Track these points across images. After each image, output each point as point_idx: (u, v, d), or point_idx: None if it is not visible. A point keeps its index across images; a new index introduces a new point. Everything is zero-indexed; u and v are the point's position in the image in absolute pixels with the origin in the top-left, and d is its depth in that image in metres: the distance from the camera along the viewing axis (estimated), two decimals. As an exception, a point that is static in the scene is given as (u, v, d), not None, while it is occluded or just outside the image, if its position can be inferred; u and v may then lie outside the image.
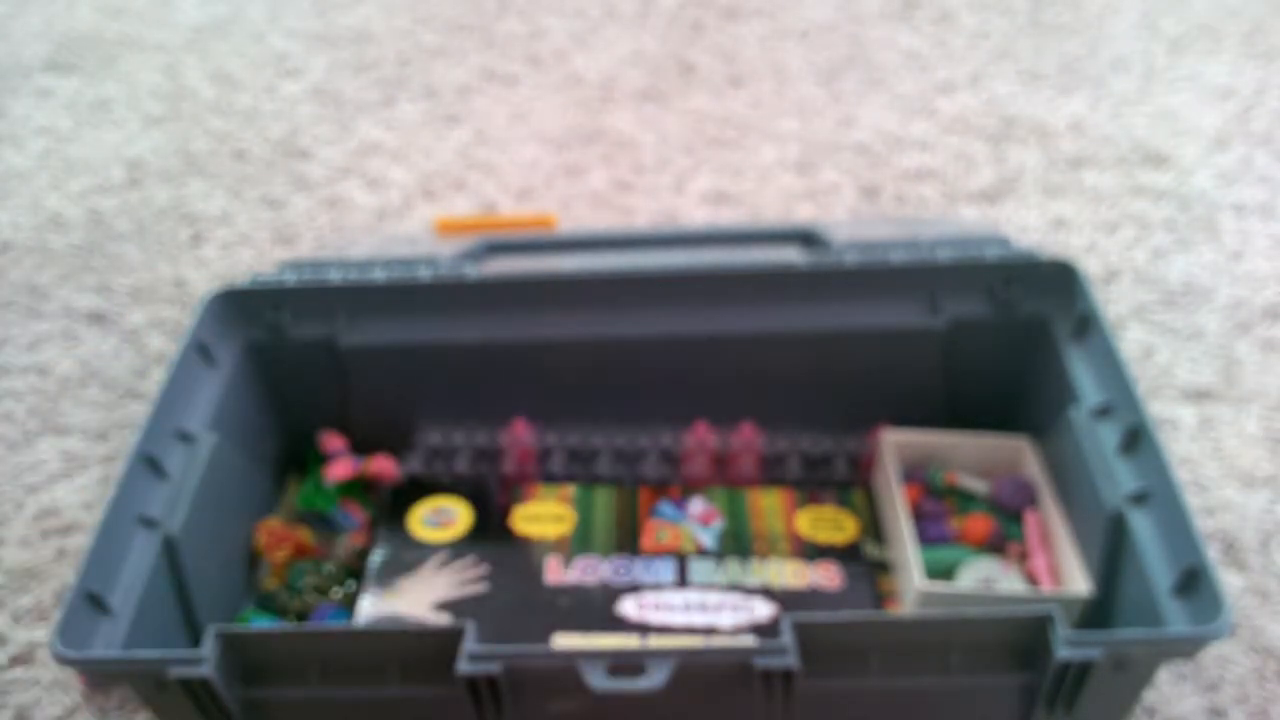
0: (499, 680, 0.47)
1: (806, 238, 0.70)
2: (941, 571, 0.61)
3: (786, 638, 0.47)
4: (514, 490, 0.70)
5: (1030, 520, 0.64)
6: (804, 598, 0.62)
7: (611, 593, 0.62)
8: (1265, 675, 0.62)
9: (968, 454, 0.68)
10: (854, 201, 1.03)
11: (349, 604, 0.64)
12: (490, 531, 0.67)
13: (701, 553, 0.65)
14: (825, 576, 0.64)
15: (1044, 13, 1.34)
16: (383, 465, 0.70)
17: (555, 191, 1.07)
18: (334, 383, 0.70)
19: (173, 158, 1.15)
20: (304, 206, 1.06)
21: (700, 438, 0.70)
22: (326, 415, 0.72)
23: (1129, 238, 0.96)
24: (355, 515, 0.69)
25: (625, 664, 0.47)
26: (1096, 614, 0.57)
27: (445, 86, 1.26)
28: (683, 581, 0.63)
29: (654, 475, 0.70)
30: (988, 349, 0.68)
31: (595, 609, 0.62)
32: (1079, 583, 0.58)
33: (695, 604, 0.62)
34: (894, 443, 0.68)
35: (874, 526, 0.67)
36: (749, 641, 0.55)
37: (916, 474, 0.68)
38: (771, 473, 0.70)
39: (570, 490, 0.70)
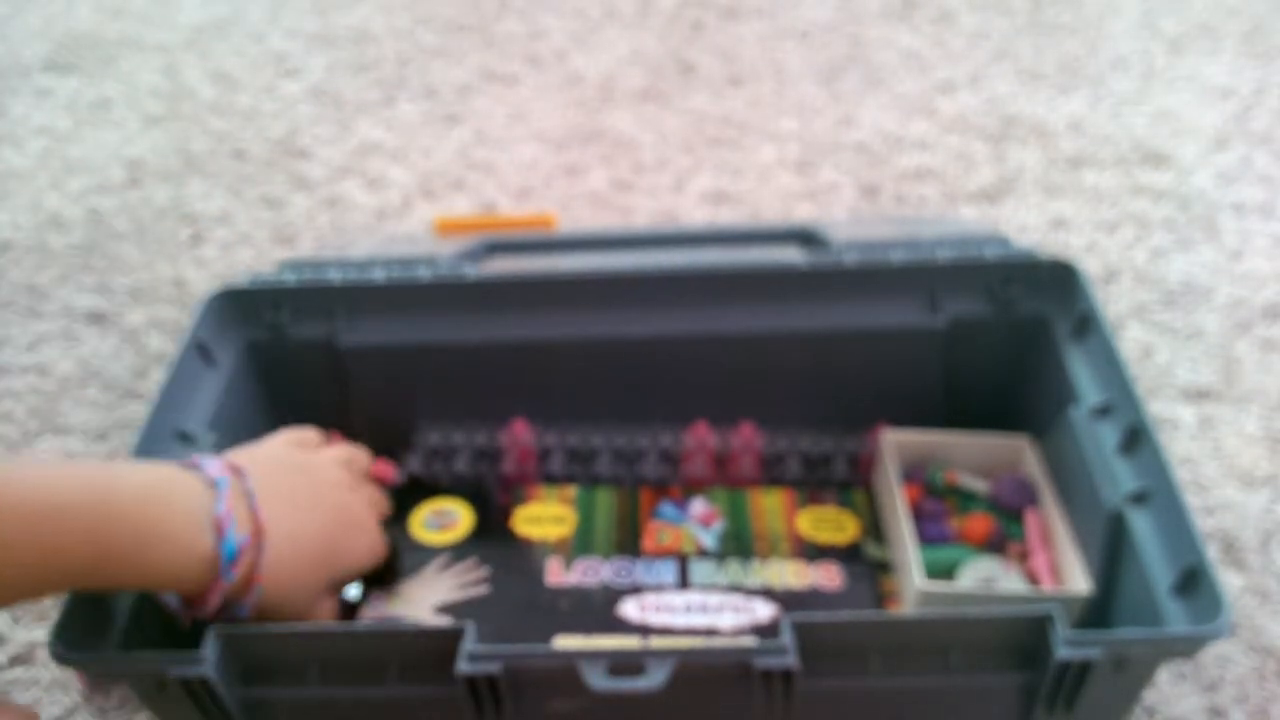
0: (499, 680, 0.47)
1: (806, 237, 0.70)
2: (942, 571, 0.61)
3: (786, 638, 0.47)
4: (515, 492, 0.70)
5: (1030, 520, 0.64)
6: (805, 598, 0.62)
7: (613, 594, 0.62)
8: (1265, 675, 0.62)
9: (968, 453, 0.68)
10: (854, 201, 1.03)
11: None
12: (491, 533, 0.67)
13: (702, 554, 0.65)
14: (826, 577, 0.64)
15: (1044, 13, 1.34)
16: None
17: (555, 191, 1.07)
18: (334, 383, 0.70)
19: (172, 157, 1.15)
20: (304, 206, 1.06)
21: (700, 438, 0.70)
22: (326, 415, 0.71)
23: (1129, 237, 0.96)
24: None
25: (625, 664, 0.47)
26: (1096, 613, 0.57)
27: (445, 86, 1.26)
28: (684, 583, 0.63)
29: (654, 475, 0.70)
30: (988, 349, 0.68)
31: (596, 610, 0.62)
32: (1079, 582, 0.58)
33: (696, 605, 0.62)
34: (894, 442, 0.68)
35: (874, 526, 0.67)
36: (749, 642, 0.55)
37: (916, 474, 0.68)
38: (771, 473, 0.70)
39: (571, 491, 0.70)
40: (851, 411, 0.70)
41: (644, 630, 0.60)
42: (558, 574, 0.64)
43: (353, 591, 0.63)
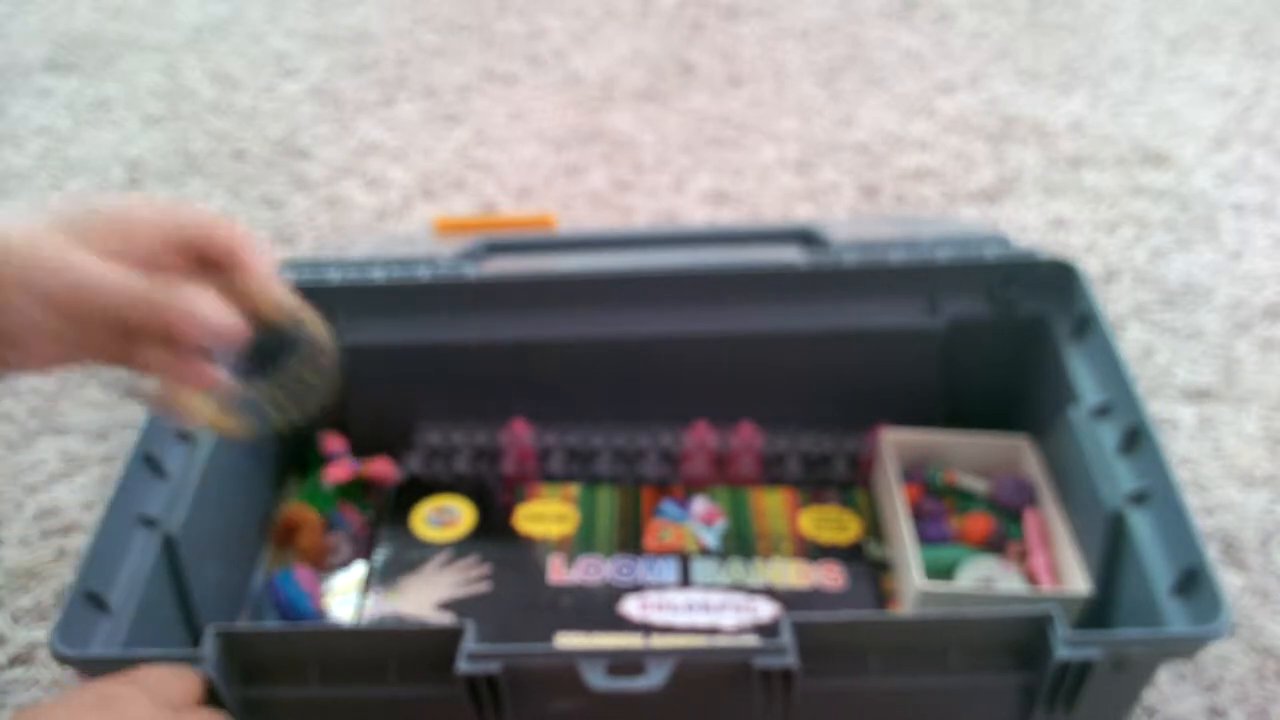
0: (498, 679, 0.47)
1: (806, 237, 0.70)
2: (941, 571, 0.61)
3: (785, 637, 0.47)
4: (517, 490, 0.70)
5: (1030, 519, 0.64)
6: (807, 598, 0.62)
7: (614, 592, 0.63)
8: (1265, 675, 0.62)
9: (967, 453, 0.68)
10: (854, 201, 1.03)
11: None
12: (493, 531, 0.67)
13: (704, 552, 0.65)
14: (828, 576, 0.64)
15: (1044, 12, 1.34)
16: (381, 467, 0.70)
17: (555, 191, 1.07)
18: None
19: (172, 157, 1.15)
20: (304, 206, 1.06)
21: (700, 438, 0.70)
22: (326, 415, 0.71)
23: (1129, 237, 0.96)
24: (351, 518, 0.69)
25: (624, 664, 0.47)
26: (1096, 613, 0.57)
27: (445, 86, 1.26)
28: (686, 581, 0.63)
29: (654, 475, 0.70)
30: (987, 349, 0.68)
31: (598, 609, 0.62)
32: (1079, 582, 0.58)
33: (698, 604, 0.62)
34: (894, 442, 0.68)
35: (876, 526, 0.67)
36: (749, 641, 0.55)
37: (916, 473, 0.68)
38: (771, 472, 0.70)
39: (573, 490, 0.70)
40: (851, 411, 0.70)
41: (645, 628, 0.60)
42: (559, 572, 0.64)
43: None
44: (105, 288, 0.42)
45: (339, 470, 0.69)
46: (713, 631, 0.60)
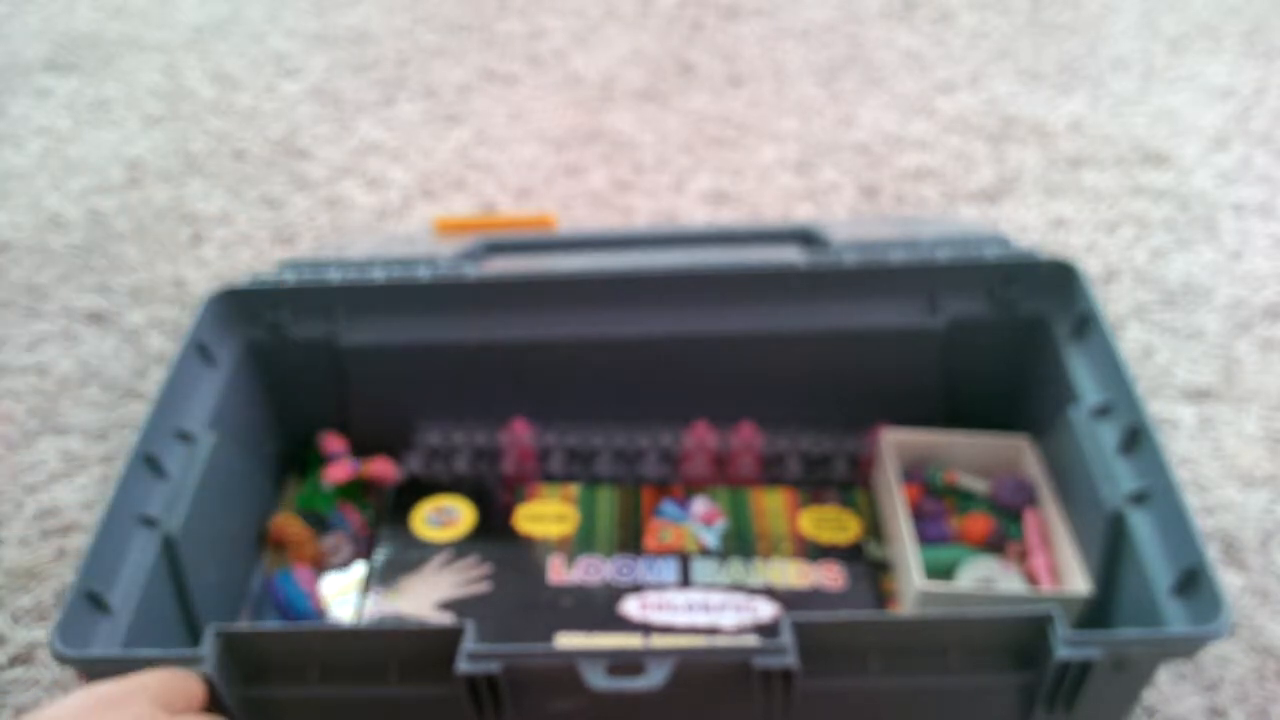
0: (498, 679, 0.47)
1: (806, 237, 0.70)
2: (941, 571, 0.61)
3: (786, 637, 0.47)
4: (517, 490, 0.70)
5: (1030, 519, 0.64)
6: (807, 598, 0.62)
7: (614, 592, 0.63)
8: (1265, 675, 0.62)
9: (967, 453, 0.68)
10: (854, 201, 1.03)
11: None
12: (493, 531, 0.67)
13: (704, 553, 0.65)
14: (828, 577, 0.64)
15: (1044, 12, 1.34)
16: (381, 467, 0.70)
17: (555, 191, 1.07)
18: (334, 382, 0.70)
19: (172, 158, 1.15)
20: (304, 206, 1.06)
21: (700, 438, 0.70)
22: (326, 415, 0.72)
23: (1129, 237, 0.96)
24: (350, 518, 0.69)
25: (624, 663, 0.47)
26: (1096, 613, 0.57)
27: (445, 86, 1.26)
28: (686, 581, 0.63)
29: (654, 475, 0.70)
30: (987, 349, 0.68)
31: (598, 609, 0.62)
32: (1078, 582, 0.58)
33: (698, 604, 0.62)
34: (894, 442, 0.68)
35: (876, 526, 0.67)
36: (749, 641, 0.55)
37: (916, 473, 0.68)
38: (771, 472, 0.70)
39: (573, 490, 0.70)
40: (851, 411, 0.70)
41: (645, 628, 0.60)
42: (559, 572, 0.64)
43: None
44: None
45: (339, 470, 0.69)
46: (713, 631, 0.60)
